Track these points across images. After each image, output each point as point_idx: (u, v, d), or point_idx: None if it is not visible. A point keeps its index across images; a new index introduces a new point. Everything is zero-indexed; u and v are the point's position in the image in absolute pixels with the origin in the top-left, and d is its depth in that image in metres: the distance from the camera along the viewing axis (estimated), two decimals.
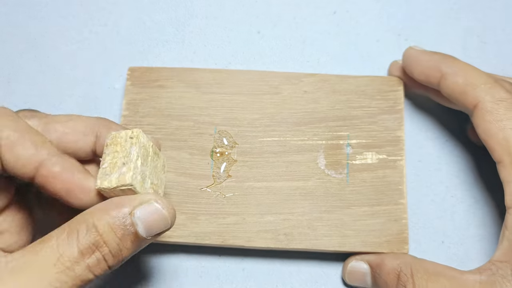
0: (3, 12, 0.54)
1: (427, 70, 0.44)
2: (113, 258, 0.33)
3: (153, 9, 0.55)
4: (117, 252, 0.33)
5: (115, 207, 0.33)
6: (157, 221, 0.34)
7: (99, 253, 0.32)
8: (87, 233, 0.32)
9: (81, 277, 0.32)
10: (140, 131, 0.36)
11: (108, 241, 0.32)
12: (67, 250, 0.31)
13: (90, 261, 0.32)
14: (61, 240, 0.32)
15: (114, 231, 0.33)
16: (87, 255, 0.32)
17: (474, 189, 0.48)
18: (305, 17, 0.54)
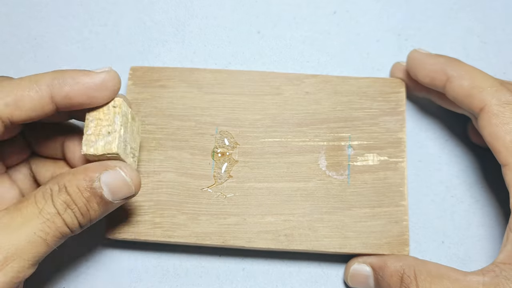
0: (3, 12, 0.54)
1: (432, 73, 0.44)
2: (82, 216, 0.37)
3: (153, 9, 0.55)
4: (85, 211, 0.37)
5: (83, 171, 0.37)
6: (120, 186, 0.37)
7: (71, 210, 0.36)
8: (59, 193, 0.36)
9: (59, 229, 0.36)
10: (121, 100, 0.39)
11: (76, 201, 0.36)
12: (45, 206, 0.35)
13: (64, 217, 0.36)
14: (38, 198, 0.36)
15: (81, 192, 0.36)
16: (61, 211, 0.35)
17: (474, 189, 0.48)
18: (305, 17, 0.54)
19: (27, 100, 0.37)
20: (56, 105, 0.38)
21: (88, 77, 0.38)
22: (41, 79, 0.37)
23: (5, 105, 0.36)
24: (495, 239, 0.46)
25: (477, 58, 0.52)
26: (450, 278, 0.38)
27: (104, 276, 0.46)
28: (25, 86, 0.37)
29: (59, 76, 0.37)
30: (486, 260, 0.46)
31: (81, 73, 0.38)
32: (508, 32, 0.53)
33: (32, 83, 0.37)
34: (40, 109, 0.37)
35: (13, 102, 0.36)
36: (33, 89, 0.37)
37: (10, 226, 0.34)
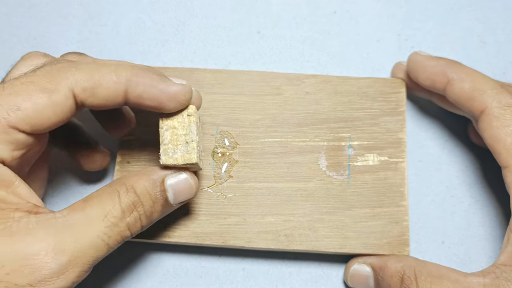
0: (3, 12, 0.54)
1: (433, 75, 0.44)
2: (146, 218, 0.37)
3: (153, 9, 0.55)
4: (150, 213, 0.37)
5: (151, 173, 0.38)
6: (185, 189, 0.39)
7: (137, 212, 0.36)
8: (127, 194, 0.36)
9: (122, 233, 0.35)
10: (194, 107, 0.38)
11: (144, 202, 0.36)
12: (112, 209, 0.35)
13: (129, 220, 0.36)
14: (105, 199, 0.35)
15: (149, 194, 0.37)
16: (127, 213, 0.36)
17: (474, 189, 0.48)
18: (305, 17, 0.54)
19: (104, 89, 0.36)
20: (126, 100, 0.37)
21: (165, 84, 0.37)
22: (121, 71, 0.36)
23: (83, 90, 0.35)
24: (495, 239, 0.46)
25: (477, 58, 0.52)
26: (451, 279, 0.38)
27: (104, 276, 0.46)
28: (104, 74, 0.36)
29: (139, 73, 0.37)
30: (486, 260, 0.46)
31: (159, 78, 0.37)
32: (508, 32, 0.53)
33: (111, 72, 0.36)
34: (112, 100, 0.37)
35: (91, 89, 0.35)
36: (112, 79, 0.36)
37: (74, 226, 0.33)
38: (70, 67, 0.36)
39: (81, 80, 0.35)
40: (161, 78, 0.37)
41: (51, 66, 0.35)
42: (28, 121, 0.34)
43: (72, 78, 0.35)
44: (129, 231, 0.36)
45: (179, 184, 0.38)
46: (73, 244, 0.33)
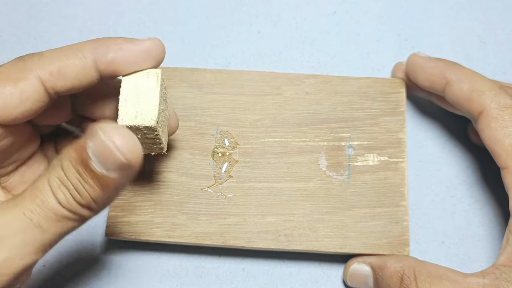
0: (4, 12, 0.54)
1: (432, 77, 0.45)
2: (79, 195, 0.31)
3: (153, 9, 0.55)
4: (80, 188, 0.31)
5: (77, 142, 0.31)
6: (104, 151, 0.30)
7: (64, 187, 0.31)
8: (54, 168, 0.31)
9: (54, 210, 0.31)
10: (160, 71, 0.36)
11: (69, 176, 0.31)
12: (39, 184, 0.31)
13: (58, 196, 0.31)
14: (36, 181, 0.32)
15: (73, 165, 0.31)
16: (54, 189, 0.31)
17: (474, 189, 0.48)
18: (305, 17, 0.54)
19: (72, 68, 0.34)
20: (100, 73, 0.35)
21: (132, 43, 0.36)
22: (84, 47, 0.35)
23: (49, 74, 0.34)
24: (495, 239, 0.46)
25: (477, 58, 0.52)
26: (450, 279, 0.38)
27: (104, 277, 0.46)
28: (68, 54, 0.35)
29: (103, 43, 0.35)
30: (486, 260, 0.46)
31: (125, 40, 0.36)
32: (508, 32, 0.53)
33: (75, 50, 0.35)
34: (84, 77, 0.35)
35: (57, 70, 0.34)
36: (77, 56, 0.34)
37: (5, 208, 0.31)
38: (34, 55, 0.35)
39: (46, 64, 0.34)
40: (127, 39, 0.36)
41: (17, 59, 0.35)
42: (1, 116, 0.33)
43: (37, 63, 0.34)
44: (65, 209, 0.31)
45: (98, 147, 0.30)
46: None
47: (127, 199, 0.45)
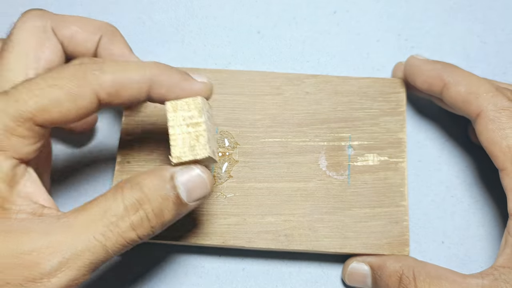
0: (4, 13, 0.54)
1: (430, 79, 0.45)
2: (155, 218, 0.34)
3: (153, 9, 0.55)
4: (159, 212, 0.34)
5: (158, 170, 0.35)
6: (198, 184, 0.35)
7: (143, 211, 0.33)
8: (131, 190, 0.33)
9: (124, 234, 0.33)
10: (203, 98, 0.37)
11: (151, 199, 0.33)
12: (113, 205, 0.33)
13: (134, 218, 0.33)
14: (107, 197, 0.33)
15: (157, 190, 0.34)
16: (131, 212, 0.33)
17: (474, 189, 0.48)
18: (305, 17, 0.54)
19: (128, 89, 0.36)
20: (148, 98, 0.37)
21: (188, 83, 0.37)
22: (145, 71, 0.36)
23: (107, 94, 0.35)
24: (495, 239, 0.46)
25: (477, 58, 0.52)
26: (449, 280, 0.38)
27: (104, 277, 0.46)
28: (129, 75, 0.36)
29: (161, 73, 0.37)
30: (485, 260, 0.46)
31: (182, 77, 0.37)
32: (507, 32, 0.53)
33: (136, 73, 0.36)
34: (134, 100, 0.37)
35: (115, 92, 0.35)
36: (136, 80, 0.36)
37: (72, 226, 0.32)
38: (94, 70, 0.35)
39: (106, 84, 0.35)
40: (184, 77, 0.37)
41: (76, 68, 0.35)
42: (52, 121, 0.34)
43: (97, 82, 0.35)
44: (135, 233, 0.33)
45: (191, 180, 0.35)
46: (67, 245, 0.32)
47: None
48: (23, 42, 0.38)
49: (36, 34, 0.39)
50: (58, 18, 0.41)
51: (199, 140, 0.36)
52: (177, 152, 0.35)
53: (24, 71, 0.38)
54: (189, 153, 0.35)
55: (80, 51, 0.41)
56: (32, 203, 0.34)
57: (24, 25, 0.39)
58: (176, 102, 0.36)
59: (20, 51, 0.38)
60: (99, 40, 0.42)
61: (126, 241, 0.33)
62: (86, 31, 0.41)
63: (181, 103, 0.36)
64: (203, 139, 0.36)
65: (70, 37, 0.41)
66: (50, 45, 0.40)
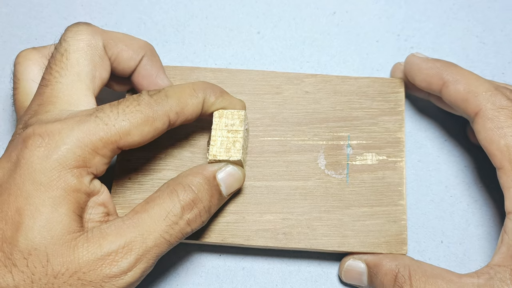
0: (4, 13, 0.54)
1: (429, 77, 0.45)
2: (206, 213, 0.39)
3: (153, 10, 0.55)
4: (208, 208, 0.40)
5: (202, 170, 0.40)
6: (234, 180, 0.42)
7: (197, 209, 0.38)
8: (185, 192, 0.38)
9: (183, 229, 0.38)
10: (245, 112, 0.43)
11: (202, 198, 0.39)
12: (173, 208, 0.37)
13: (189, 216, 0.38)
14: (165, 199, 0.38)
15: (206, 190, 0.39)
16: (187, 211, 0.38)
17: (473, 189, 0.48)
18: (305, 17, 0.54)
19: (190, 108, 0.40)
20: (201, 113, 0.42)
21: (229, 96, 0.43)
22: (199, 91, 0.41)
23: (176, 114, 0.39)
24: (494, 238, 0.46)
25: (476, 58, 0.52)
26: (445, 279, 0.38)
27: None
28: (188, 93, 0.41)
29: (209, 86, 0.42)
30: (484, 259, 0.46)
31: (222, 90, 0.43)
32: (507, 33, 0.53)
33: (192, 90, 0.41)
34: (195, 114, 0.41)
35: (181, 111, 0.40)
36: (193, 95, 0.41)
37: (138, 226, 0.36)
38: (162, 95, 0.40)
39: (174, 106, 0.39)
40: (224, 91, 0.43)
41: (149, 98, 0.39)
42: (132, 144, 0.38)
43: (168, 105, 0.39)
44: (190, 227, 0.38)
45: (229, 177, 0.41)
46: (139, 243, 0.36)
47: (127, 197, 0.45)
48: (82, 62, 0.40)
49: (91, 53, 0.41)
50: (107, 36, 0.42)
51: (235, 145, 0.41)
52: (214, 151, 0.41)
53: (84, 91, 0.40)
54: (224, 154, 0.41)
55: (122, 68, 0.43)
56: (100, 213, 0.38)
57: (79, 43, 0.40)
58: (222, 111, 0.42)
59: (79, 71, 0.40)
60: (141, 59, 0.44)
61: (183, 234, 0.38)
62: (131, 50, 0.43)
63: (227, 112, 0.42)
64: (238, 144, 0.41)
65: (117, 54, 0.43)
66: (103, 63, 0.42)
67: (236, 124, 0.42)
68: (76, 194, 0.36)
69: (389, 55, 0.53)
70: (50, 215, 0.34)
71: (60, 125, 0.36)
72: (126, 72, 0.44)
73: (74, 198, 0.36)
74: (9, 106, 0.52)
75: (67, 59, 0.40)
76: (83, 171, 0.36)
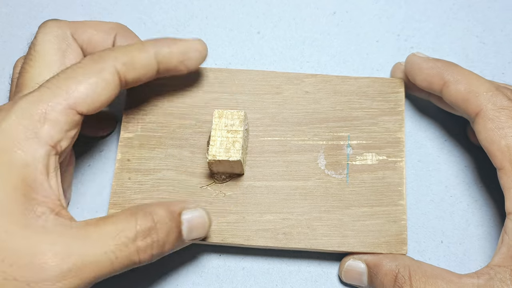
0: (4, 13, 0.54)
1: (430, 77, 0.45)
2: (158, 248, 0.37)
3: (153, 10, 0.55)
4: (163, 243, 0.37)
5: (170, 205, 0.39)
6: (199, 224, 0.40)
7: (150, 238, 0.36)
8: (144, 218, 0.36)
9: (130, 256, 0.35)
10: (245, 113, 0.43)
11: (159, 230, 0.37)
12: (126, 229, 0.35)
13: (141, 244, 0.36)
14: (121, 219, 0.36)
15: (165, 223, 0.37)
16: (140, 238, 0.36)
17: (473, 189, 0.48)
18: (305, 17, 0.54)
19: (139, 60, 0.40)
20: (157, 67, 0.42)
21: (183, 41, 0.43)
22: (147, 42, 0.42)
23: (123, 64, 0.39)
24: (494, 239, 0.47)
25: (476, 58, 0.52)
26: (445, 280, 0.38)
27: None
28: (136, 47, 0.41)
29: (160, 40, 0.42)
30: (484, 259, 0.46)
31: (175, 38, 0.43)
32: (507, 33, 0.53)
33: (140, 45, 0.41)
34: (148, 68, 0.41)
35: (129, 61, 0.39)
36: (143, 49, 0.41)
37: (85, 239, 0.34)
38: (107, 50, 0.40)
39: (120, 56, 0.39)
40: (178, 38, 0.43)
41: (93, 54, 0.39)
42: (86, 101, 0.37)
43: (113, 56, 0.39)
44: (138, 257, 0.36)
45: (194, 219, 0.39)
46: (78, 254, 0.33)
47: (127, 197, 0.45)
48: (48, 51, 0.41)
49: (58, 42, 0.41)
50: (74, 25, 0.43)
51: (234, 145, 0.42)
52: (214, 151, 0.41)
53: None
54: (223, 154, 0.41)
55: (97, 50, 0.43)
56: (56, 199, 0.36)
57: (46, 36, 0.41)
58: (222, 111, 0.43)
59: (46, 60, 0.40)
60: (114, 39, 0.44)
61: (129, 263, 0.36)
62: (101, 32, 0.44)
63: (227, 112, 0.43)
64: (238, 144, 0.42)
65: (88, 40, 0.43)
66: (72, 51, 0.42)
67: (235, 124, 0.42)
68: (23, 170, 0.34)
69: (389, 55, 0.53)
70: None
71: (10, 103, 0.36)
72: None
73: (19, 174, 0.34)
74: None
75: (35, 51, 0.40)
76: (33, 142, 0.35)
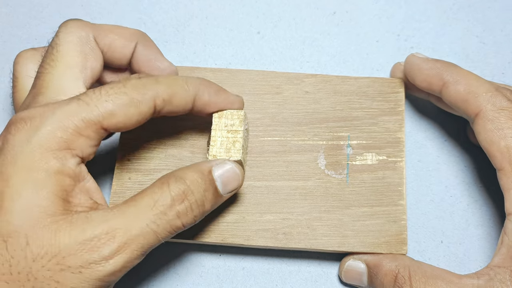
0: (4, 13, 0.54)
1: (429, 78, 0.45)
2: (198, 208, 0.38)
3: (153, 10, 0.55)
4: (202, 202, 0.38)
5: (198, 165, 0.39)
6: (232, 177, 0.40)
7: (188, 201, 0.37)
8: (176, 183, 0.37)
9: (171, 222, 0.36)
10: (245, 113, 0.43)
11: (194, 191, 0.37)
12: (161, 197, 0.36)
13: (180, 208, 0.36)
14: (155, 190, 0.37)
15: (198, 183, 0.38)
16: (177, 202, 0.36)
17: (473, 189, 0.48)
18: (305, 17, 0.54)
19: (178, 100, 0.40)
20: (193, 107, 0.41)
21: (226, 95, 0.43)
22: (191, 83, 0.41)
23: (163, 100, 0.39)
24: (494, 239, 0.47)
25: (476, 58, 0.52)
26: (445, 280, 0.38)
27: None
28: (179, 84, 0.40)
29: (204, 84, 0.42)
30: (484, 260, 0.46)
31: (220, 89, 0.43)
32: (506, 33, 0.53)
33: (184, 83, 0.40)
34: (183, 107, 0.40)
35: (168, 98, 0.39)
36: (184, 88, 0.40)
37: (125, 214, 0.35)
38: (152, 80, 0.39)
39: (162, 91, 0.39)
40: (222, 89, 0.43)
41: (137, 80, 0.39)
42: (117, 126, 0.37)
43: (155, 90, 0.39)
44: (180, 221, 0.37)
45: (226, 174, 0.40)
46: (123, 231, 0.34)
47: (127, 197, 0.44)
48: (71, 53, 0.40)
49: (81, 45, 0.41)
50: (98, 28, 0.43)
51: (235, 145, 0.42)
52: (214, 151, 0.42)
53: (74, 80, 0.40)
54: (224, 154, 0.41)
55: (118, 57, 0.44)
56: (89, 199, 0.37)
57: (69, 36, 0.41)
58: (222, 112, 0.43)
59: (68, 62, 0.40)
60: (135, 46, 0.44)
61: (173, 228, 0.36)
62: (123, 39, 0.43)
63: (226, 112, 0.43)
64: (238, 144, 0.42)
65: (109, 45, 0.43)
66: (94, 54, 0.42)
67: (235, 124, 0.42)
68: (59, 177, 0.35)
69: (389, 55, 0.53)
70: (30, 197, 0.34)
71: (42, 109, 0.36)
72: (123, 61, 0.44)
73: (56, 180, 0.35)
74: (9, 106, 0.52)
75: (57, 51, 0.40)
76: (66, 153, 0.36)
